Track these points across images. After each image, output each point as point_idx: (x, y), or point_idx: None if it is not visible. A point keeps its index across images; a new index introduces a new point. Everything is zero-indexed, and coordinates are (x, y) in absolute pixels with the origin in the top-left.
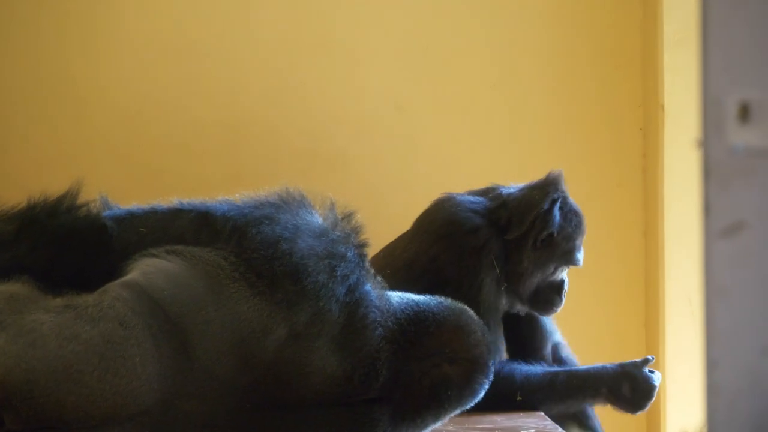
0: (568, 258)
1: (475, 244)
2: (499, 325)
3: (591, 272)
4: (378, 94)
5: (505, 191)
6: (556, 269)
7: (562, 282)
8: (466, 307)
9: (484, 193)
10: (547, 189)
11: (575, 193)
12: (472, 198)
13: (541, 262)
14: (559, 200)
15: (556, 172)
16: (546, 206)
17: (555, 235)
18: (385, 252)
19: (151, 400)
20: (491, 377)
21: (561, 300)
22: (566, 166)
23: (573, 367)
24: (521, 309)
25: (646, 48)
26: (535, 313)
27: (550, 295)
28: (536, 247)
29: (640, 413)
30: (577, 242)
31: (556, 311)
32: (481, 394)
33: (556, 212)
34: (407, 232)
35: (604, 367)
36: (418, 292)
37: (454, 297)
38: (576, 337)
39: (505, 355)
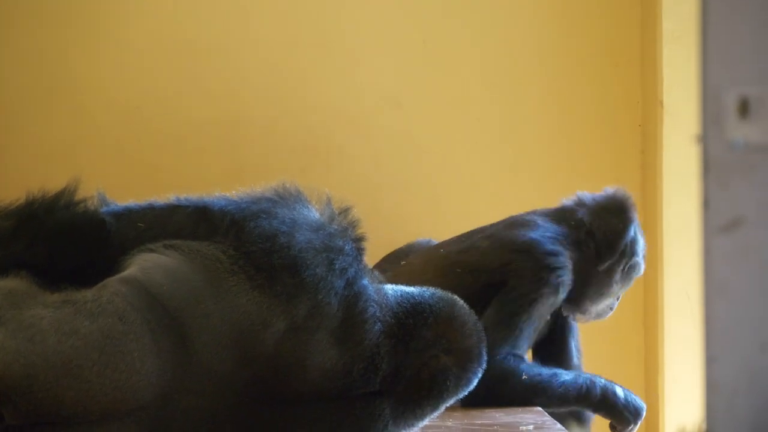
0: (640, 271)
1: (549, 264)
2: (529, 339)
3: None
4: (376, 91)
5: (585, 217)
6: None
7: None
8: (456, 296)
9: (561, 218)
10: (626, 215)
11: (574, 189)
12: (553, 225)
13: (627, 283)
14: (637, 224)
15: (626, 194)
16: (632, 233)
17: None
18: (453, 251)
19: (150, 395)
20: (484, 365)
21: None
22: (564, 163)
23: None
24: (581, 318)
25: (645, 44)
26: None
27: (614, 304)
28: (624, 271)
29: (636, 424)
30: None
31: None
32: (475, 382)
33: (639, 237)
34: (479, 238)
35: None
36: (478, 292)
37: (502, 295)
38: None
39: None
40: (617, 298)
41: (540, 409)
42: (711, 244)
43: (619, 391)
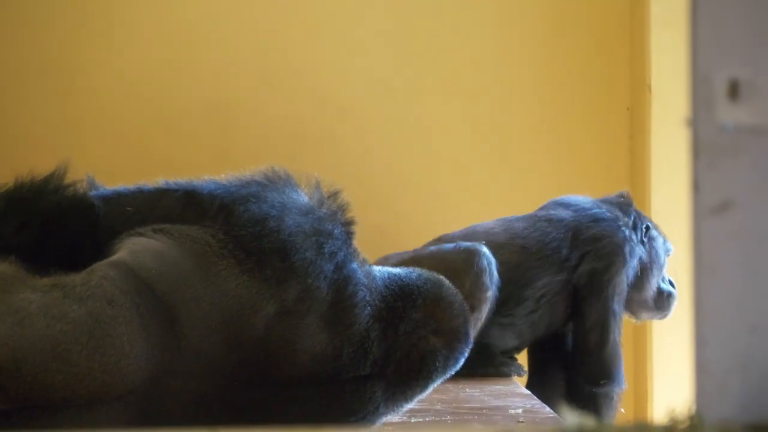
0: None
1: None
2: None
3: None
4: (367, 78)
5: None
6: None
7: None
8: (443, 277)
9: (621, 207)
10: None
11: (563, 174)
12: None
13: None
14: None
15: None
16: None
17: None
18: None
19: (139, 378)
20: (471, 345)
21: None
22: (553, 147)
23: None
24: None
25: (634, 29)
26: None
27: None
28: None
29: None
30: None
31: None
32: (462, 362)
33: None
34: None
35: None
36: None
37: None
38: None
39: None
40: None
41: (529, 392)
42: (701, 226)
43: None
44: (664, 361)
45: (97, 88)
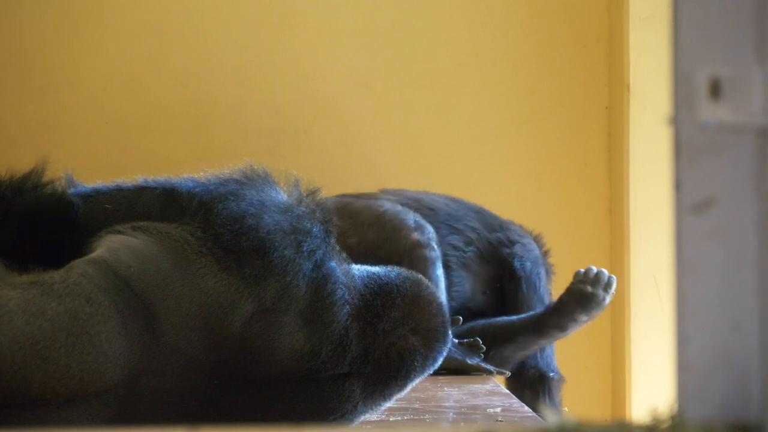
0: None
1: None
2: None
3: (556, 250)
4: (345, 73)
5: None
6: None
7: None
8: (421, 276)
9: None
10: None
11: (541, 173)
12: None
13: None
14: None
15: None
16: None
17: None
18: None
19: (117, 376)
20: (449, 344)
21: None
22: (531, 145)
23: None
24: None
25: (613, 27)
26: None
27: None
28: None
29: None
30: None
31: None
32: (440, 361)
33: None
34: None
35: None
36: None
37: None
38: None
39: None
40: None
41: (507, 391)
42: (682, 225)
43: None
44: (643, 360)
45: (75, 85)
